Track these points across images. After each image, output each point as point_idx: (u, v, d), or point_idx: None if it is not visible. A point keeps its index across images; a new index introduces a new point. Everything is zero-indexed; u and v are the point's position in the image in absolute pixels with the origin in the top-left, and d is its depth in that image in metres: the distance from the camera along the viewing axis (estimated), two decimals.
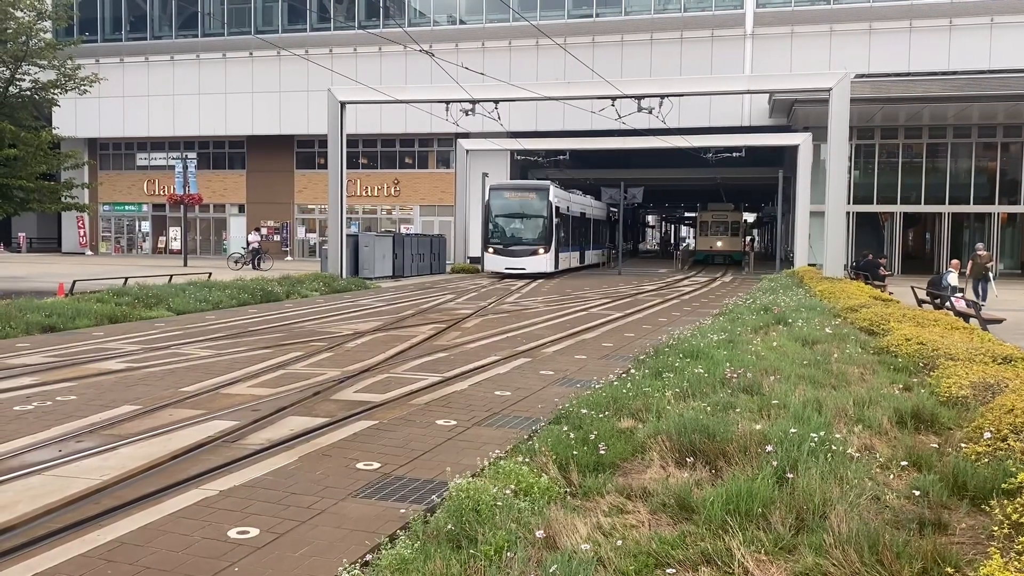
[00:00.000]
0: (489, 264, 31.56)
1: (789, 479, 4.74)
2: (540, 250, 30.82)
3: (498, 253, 31.19)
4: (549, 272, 31.09)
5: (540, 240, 31.04)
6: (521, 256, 30.77)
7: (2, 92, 19.16)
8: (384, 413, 7.74)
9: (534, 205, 31.35)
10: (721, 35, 37.45)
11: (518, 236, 31.20)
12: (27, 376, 9.38)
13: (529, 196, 31.49)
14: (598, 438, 5.83)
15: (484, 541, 4.09)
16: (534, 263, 30.76)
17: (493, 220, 31.50)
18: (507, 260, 30.92)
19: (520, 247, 30.96)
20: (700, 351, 9.38)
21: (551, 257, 31.22)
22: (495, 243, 31.33)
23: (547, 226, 31.11)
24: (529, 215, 31.32)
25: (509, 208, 31.49)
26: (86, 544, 4.44)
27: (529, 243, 30.99)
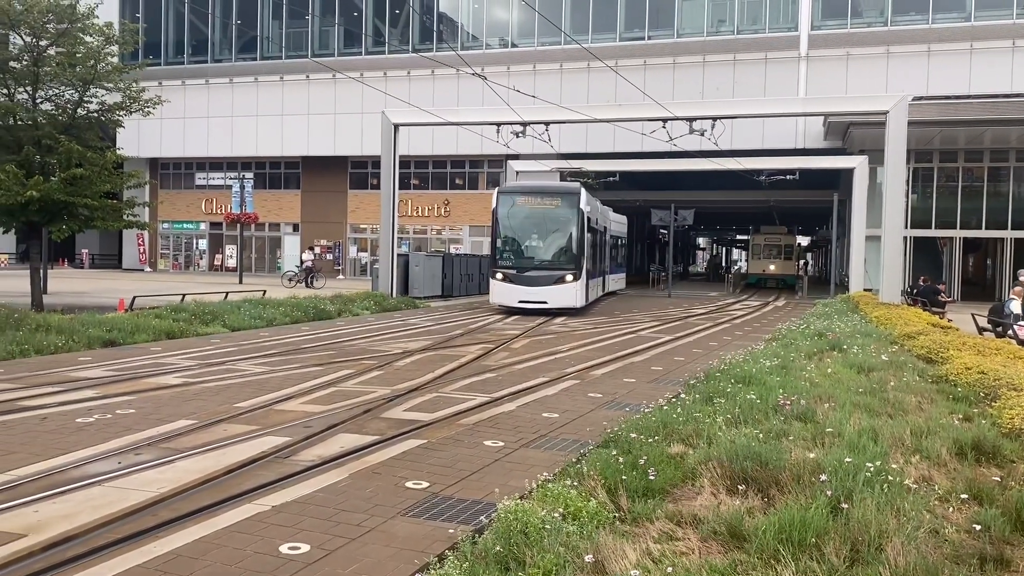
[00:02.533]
0: (497, 295, 23.11)
1: (844, 509, 4.65)
2: (567, 276, 22.51)
3: (509, 280, 22.77)
4: (578, 307, 23.04)
5: (567, 263, 22.75)
6: (540, 284, 22.39)
7: (71, 114, 19.85)
8: (433, 432, 7.79)
9: (559, 215, 23.12)
10: (775, 57, 37.15)
11: (537, 257, 22.93)
12: (89, 389, 9.65)
13: (552, 203, 23.29)
14: (648, 463, 5.78)
15: (532, 564, 4.09)
16: (558, 294, 22.44)
17: (502, 235, 23.33)
18: (521, 290, 22.51)
19: (539, 272, 22.56)
20: (752, 377, 9.26)
21: (580, 287, 22.96)
22: (504, 266, 22.93)
23: (577, 243, 22.91)
24: (552, 228, 23.20)
25: (525, 219, 23.26)
26: (144, 555, 4.54)
27: (552, 267, 22.72)
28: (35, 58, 19.09)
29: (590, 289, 24.82)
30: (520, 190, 24.19)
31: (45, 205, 18.25)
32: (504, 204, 23.19)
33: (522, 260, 22.90)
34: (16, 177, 17.50)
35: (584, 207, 23.04)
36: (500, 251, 23.16)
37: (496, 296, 23.08)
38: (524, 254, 23.08)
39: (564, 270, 22.55)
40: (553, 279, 22.45)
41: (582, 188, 23.44)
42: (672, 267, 42.94)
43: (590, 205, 24.26)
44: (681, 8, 38.71)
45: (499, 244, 23.20)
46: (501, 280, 22.82)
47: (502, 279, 22.78)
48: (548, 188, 24.70)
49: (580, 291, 22.92)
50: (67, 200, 18.37)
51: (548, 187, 25.20)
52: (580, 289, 22.90)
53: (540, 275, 22.45)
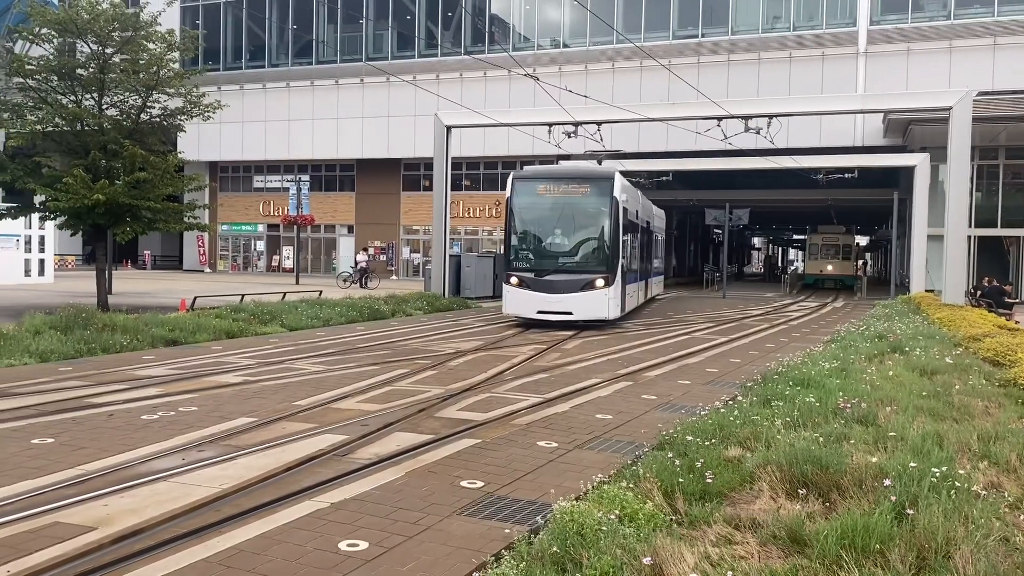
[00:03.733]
0: (511, 304, 19.14)
1: (909, 515, 4.53)
2: (598, 281, 18.34)
3: (525, 286, 18.66)
4: (612, 319, 18.89)
5: (598, 265, 18.68)
6: (564, 291, 18.31)
7: (135, 119, 20.42)
8: (486, 432, 7.82)
9: (588, 206, 19.04)
10: (832, 53, 36.44)
11: (560, 257, 19.08)
12: (153, 387, 9.92)
13: (580, 190, 19.09)
14: (704, 466, 5.72)
15: (589, 565, 4.08)
16: (587, 303, 18.33)
17: (518, 230, 19.33)
18: (540, 298, 18.45)
19: (563, 276, 18.50)
20: (811, 379, 9.09)
21: (614, 294, 18.67)
22: (520, 269, 18.98)
23: (611, 240, 18.66)
24: (579, 222, 19.24)
25: (546, 210, 19.24)
26: (208, 550, 4.65)
27: (579, 269, 18.70)
28: (101, 65, 19.67)
29: (627, 296, 20.40)
30: (540, 175, 19.74)
31: (110, 208, 18.79)
32: (521, 192, 19.09)
33: (542, 261, 18.89)
34: (83, 181, 18.06)
35: (619, 195, 18.59)
36: (515, 250, 19.16)
37: (510, 305, 19.07)
38: (545, 254, 19.07)
39: (594, 273, 18.31)
40: (580, 284, 18.20)
41: (617, 173, 19.18)
42: (727, 267, 42.37)
43: (627, 194, 19.96)
44: (736, 5, 38.23)
45: (514, 241, 19.17)
46: (516, 286, 18.76)
47: (517, 284, 18.71)
48: (574, 173, 20.41)
49: (614, 299, 18.58)
50: (131, 203, 18.88)
51: (574, 171, 20.89)
52: (614, 297, 18.55)
53: (564, 280, 18.26)
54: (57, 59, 19.94)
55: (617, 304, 18.87)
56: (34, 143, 21.08)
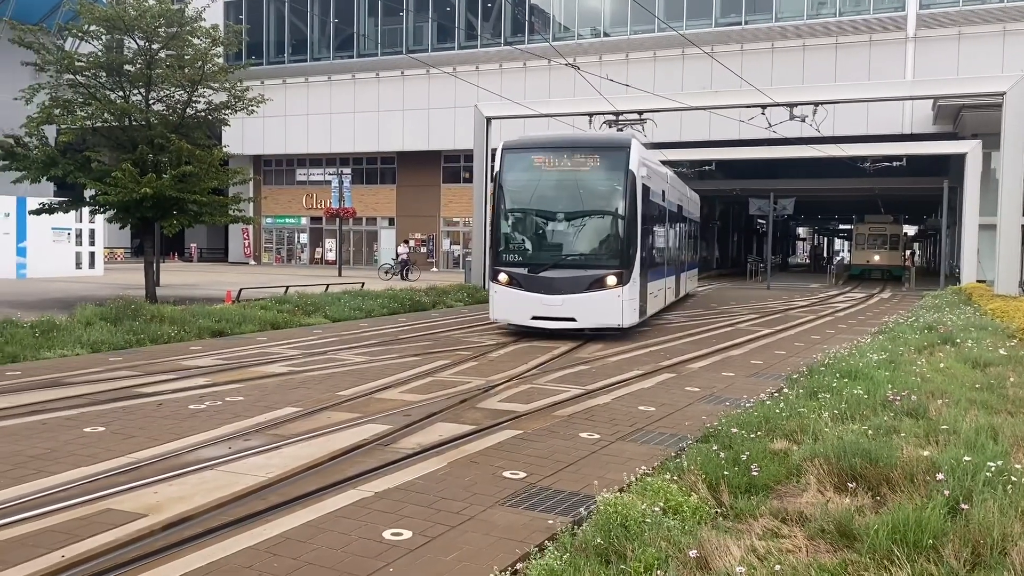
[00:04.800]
0: (500, 307, 15.18)
1: (963, 510, 4.42)
2: (609, 279, 14.48)
3: (517, 284, 14.80)
4: (627, 326, 14.89)
5: (609, 257, 14.80)
6: (566, 291, 14.46)
7: (181, 114, 20.75)
8: (528, 423, 7.81)
9: (597, 182, 15.11)
10: (880, 39, 35.65)
11: (560, 248, 15.06)
12: (200, 377, 10.09)
13: (586, 163, 14.98)
14: (750, 459, 5.65)
15: (634, 558, 4.05)
16: (596, 307, 14.45)
17: (508, 214, 15.40)
18: (534, 300, 14.59)
19: (564, 272, 14.64)
20: (858, 371, 8.92)
21: (631, 294, 14.75)
22: (511, 263, 15.02)
23: (626, 225, 14.73)
24: (585, 202, 15.11)
25: (543, 188, 15.14)
26: (254, 538, 4.71)
27: (585, 263, 14.78)
28: (148, 61, 20.01)
29: (649, 296, 16.22)
30: (536, 144, 15.57)
31: (158, 201, 19.13)
32: (512, 166, 15.12)
33: (538, 253, 14.86)
34: (131, 175, 18.41)
35: (637, 169, 14.59)
36: (505, 239, 15.12)
37: (499, 309, 14.98)
38: (541, 244, 15.07)
39: (605, 268, 14.38)
40: (586, 283, 14.28)
41: (634, 140, 15.01)
42: (771, 258, 41.78)
43: (648, 168, 15.79)
44: None
45: (504, 228, 15.19)
46: (506, 285, 14.73)
47: (507, 283, 14.71)
48: (580, 141, 16.01)
49: (630, 301, 14.55)
50: (178, 196, 19.21)
51: (580, 139, 16.61)
52: (630, 298, 14.55)
53: (566, 277, 14.36)
54: (105, 55, 20.32)
55: (634, 307, 14.73)
56: (84, 138, 21.55)
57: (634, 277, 14.70)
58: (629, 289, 14.56)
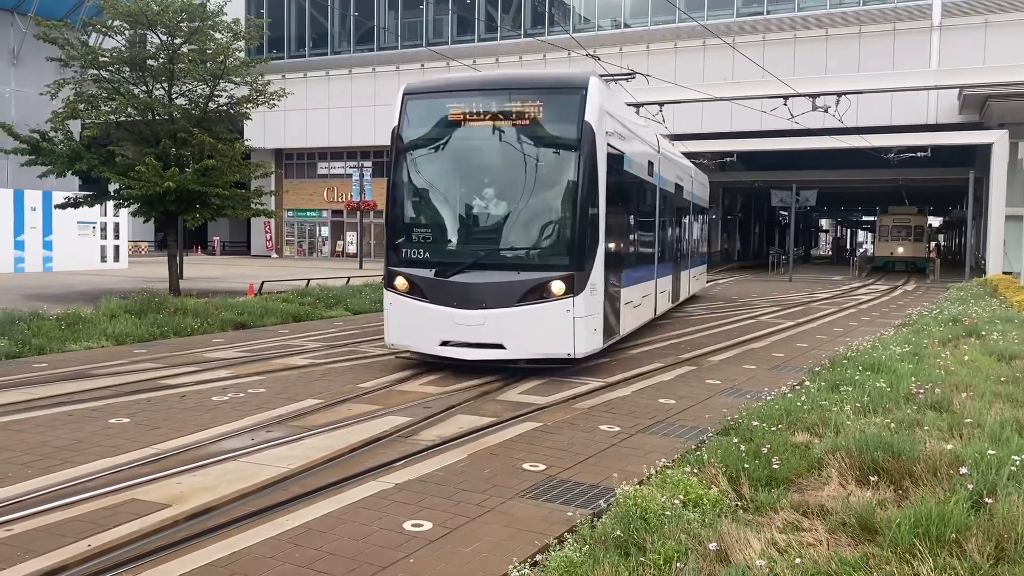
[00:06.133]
0: (396, 325, 10.44)
1: (987, 504, 4.38)
2: (556, 284, 9.73)
3: (420, 293, 10.14)
4: (581, 355, 9.94)
5: (555, 253, 9.99)
6: (491, 303, 9.80)
7: (203, 108, 20.89)
8: (548, 416, 7.82)
9: (538, 140, 10.10)
10: (904, 28, 35.21)
11: (485, 239, 10.27)
12: (223, 369, 10.18)
13: (524, 112, 9.98)
14: (771, 452, 5.62)
15: (653, 550, 4.05)
16: (537, 327, 9.76)
17: (411, 188, 10.66)
18: (445, 316, 9.88)
19: (489, 276, 9.91)
20: (881, 364, 8.84)
21: (590, 306, 9.96)
22: (413, 262, 10.31)
23: (580, 207, 9.87)
24: (523, 173, 10.20)
25: (461, 150, 10.51)
26: (276, 528, 4.76)
27: (520, 263, 10.00)
28: (170, 56, 20.15)
29: (624, 308, 11.75)
30: (450, 88, 10.81)
31: (181, 195, 19.29)
32: (415, 121, 10.62)
33: (450, 248, 10.27)
34: (155, 169, 18.57)
35: (598, 123, 9.96)
36: (403, 228, 10.48)
37: (395, 330, 10.43)
38: (454, 234, 10.36)
39: (547, 269, 9.83)
40: (520, 291, 9.73)
41: (593, 79, 10.16)
42: (793, 250, 41.47)
43: (618, 124, 11.18)
44: None
45: (404, 210, 10.54)
46: (404, 293, 10.25)
47: (406, 291, 10.23)
48: (512, 81, 10.70)
49: (588, 317, 9.91)
50: (200, 190, 19.35)
51: (512, 79, 10.96)
52: (588, 312, 9.89)
53: (490, 282, 9.81)
54: (129, 50, 20.49)
55: (592, 326, 9.98)
56: (108, 133, 21.76)
57: (592, 282, 9.83)
58: (584, 300, 9.66)
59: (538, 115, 9.90)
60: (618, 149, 11.04)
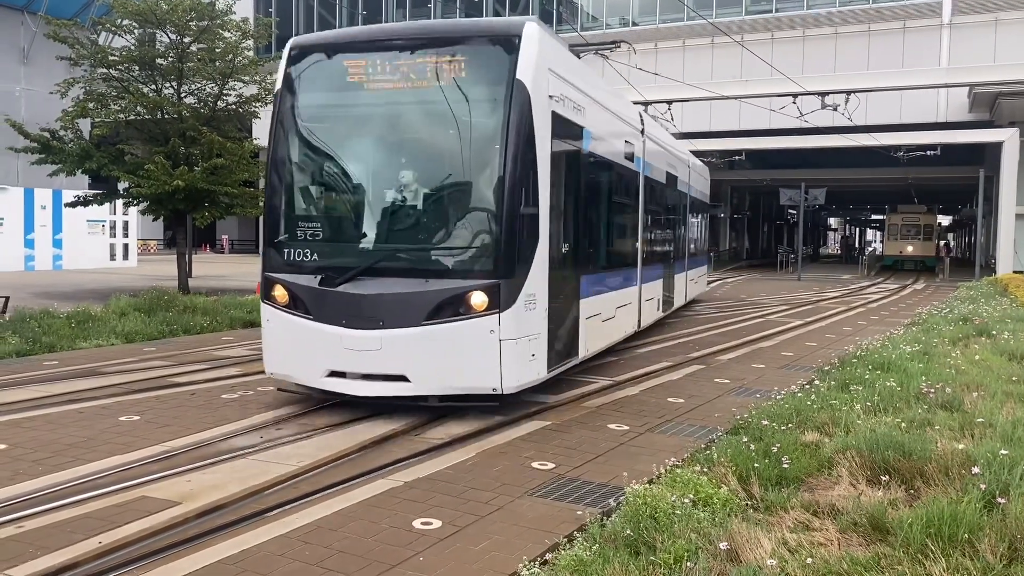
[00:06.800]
0: (276, 348, 7.96)
1: (999, 504, 4.36)
2: (475, 297, 7.21)
3: (302, 306, 7.68)
4: (513, 389, 7.41)
5: (477, 253, 7.45)
6: (393, 322, 7.27)
7: (212, 106, 20.93)
8: (557, 415, 7.81)
9: (459, 106, 7.58)
10: (914, 26, 35.05)
11: (383, 235, 7.77)
12: (232, 367, 10.20)
13: (442, 71, 7.56)
14: (781, 451, 5.61)
15: (663, 549, 4.04)
16: (450, 353, 7.26)
17: (289, 166, 8.18)
18: (333, 339, 7.39)
19: (388, 283, 7.44)
20: (891, 363, 8.81)
21: (526, 322, 7.48)
22: (293, 263, 7.85)
23: (511, 193, 7.28)
24: (434, 151, 7.99)
25: (359, 119, 8.23)
26: (286, 526, 4.77)
27: (428, 266, 7.50)
28: (179, 55, 20.18)
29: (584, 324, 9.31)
30: (346, 41, 8.52)
31: (190, 193, 19.32)
32: (306, 84, 8.33)
33: (340, 246, 8.01)
34: (164, 168, 18.60)
35: (534, 83, 7.53)
36: (284, 219, 8.26)
37: (274, 355, 8.07)
38: (345, 228, 8.22)
39: (464, 276, 7.42)
40: (427, 304, 7.33)
41: (530, 26, 7.68)
42: (802, 249, 41.35)
43: (569, 84, 8.66)
44: None
45: (282, 201, 8.32)
46: (285, 308, 7.90)
47: (286, 305, 7.89)
48: (425, 30, 8.36)
49: (520, 340, 7.46)
50: (209, 188, 19.38)
51: (426, 28, 8.59)
52: (519, 333, 7.45)
53: (388, 294, 7.44)
54: (138, 49, 20.53)
55: (527, 351, 7.62)
56: (117, 131, 21.80)
57: (529, 293, 7.46)
58: (515, 317, 7.29)
59: (458, 73, 7.52)
60: (573, 122, 8.66)
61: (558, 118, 8.06)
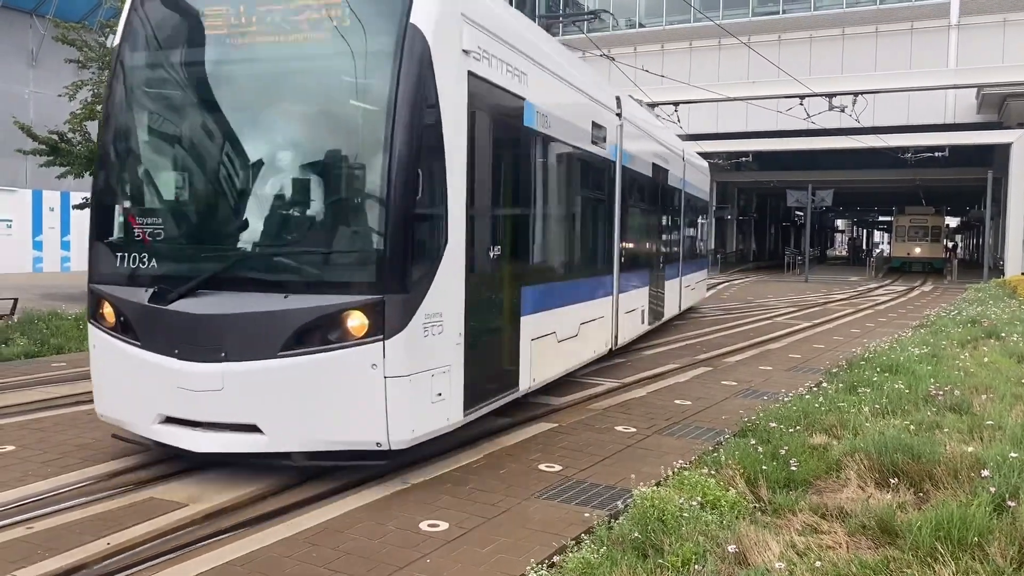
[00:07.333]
0: (105, 385, 6.09)
1: (1009, 508, 4.34)
2: (351, 319, 5.30)
3: (129, 329, 5.78)
4: (404, 443, 5.50)
5: (354, 258, 5.61)
6: (238, 353, 5.37)
7: None
8: (563, 416, 7.80)
9: (335, 65, 5.76)
10: (921, 27, 34.95)
11: (235, 235, 5.81)
12: None
13: (317, 18, 5.73)
14: (788, 453, 5.59)
15: (671, 552, 4.03)
16: (317, 397, 5.35)
17: (130, 145, 6.24)
18: (165, 375, 5.49)
19: (236, 300, 5.49)
20: (899, 365, 8.78)
21: (423, 353, 5.55)
22: (118, 273, 5.94)
23: (398, 181, 5.35)
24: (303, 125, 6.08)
25: (213, 83, 6.07)
26: (292, 528, 4.76)
27: (291, 275, 5.50)
28: None
29: (514, 354, 7.18)
30: None
31: None
32: (151, 38, 6.26)
33: (177, 250, 5.99)
34: None
35: (434, 26, 5.64)
36: (117, 214, 6.26)
37: (104, 393, 6.15)
38: (186, 227, 6.13)
39: (335, 291, 5.46)
40: (284, 330, 5.37)
41: None
42: (809, 251, 41.24)
43: (499, 40, 6.66)
44: None
45: (113, 188, 6.33)
46: (112, 331, 5.96)
47: (113, 327, 5.95)
48: None
49: (415, 380, 5.50)
50: None
51: None
52: (414, 371, 5.49)
53: (232, 316, 5.47)
54: None
55: (428, 391, 5.67)
56: None
57: (431, 312, 5.66)
58: (409, 345, 5.49)
59: (339, 22, 5.68)
60: (507, 90, 6.82)
61: (480, 83, 6.23)
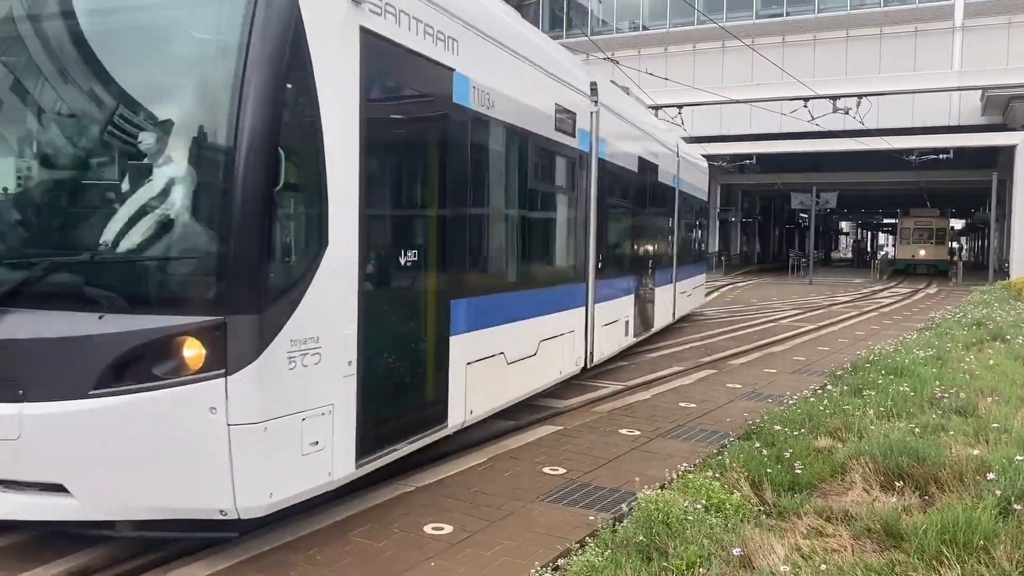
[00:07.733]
0: None
1: (1015, 511, 4.33)
2: (184, 348, 3.94)
3: None
4: (256, 513, 4.12)
5: (188, 270, 4.18)
6: (36, 394, 3.99)
7: None
8: (567, 419, 7.80)
9: (178, 35, 4.31)
10: (926, 28, 34.91)
11: (33, 243, 4.53)
12: None
13: None
14: (793, 456, 5.58)
15: (676, 555, 4.03)
16: (137, 448, 3.97)
17: None
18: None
19: (30, 333, 4.06)
20: (904, 368, 8.77)
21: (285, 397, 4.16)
22: None
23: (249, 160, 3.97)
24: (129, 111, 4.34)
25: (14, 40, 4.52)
26: (297, 531, 4.77)
27: (108, 296, 4.05)
28: None
29: (442, 384, 5.87)
30: None
31: None
32: None
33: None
34: None
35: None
36: None
37: None
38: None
39: (167, 308, 4.05)
40: (99, 362, 3.97)
41: None
42: (813, 253, 41.18)
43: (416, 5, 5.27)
44: None
45: None
46: None
47: None
48: None
49: (272, 427, 4.07)
50: None
51: None
52: (269, 416, 4.07)
53: (31, 343, 4.09)
54: None
55: (304, 438, 4.34)
56: None
57: (297, 335, 4.25)
58: (263, 379, 4.06)
59: None
60: (427, 56, 5.48)
61: (381, 43, 4.91)
